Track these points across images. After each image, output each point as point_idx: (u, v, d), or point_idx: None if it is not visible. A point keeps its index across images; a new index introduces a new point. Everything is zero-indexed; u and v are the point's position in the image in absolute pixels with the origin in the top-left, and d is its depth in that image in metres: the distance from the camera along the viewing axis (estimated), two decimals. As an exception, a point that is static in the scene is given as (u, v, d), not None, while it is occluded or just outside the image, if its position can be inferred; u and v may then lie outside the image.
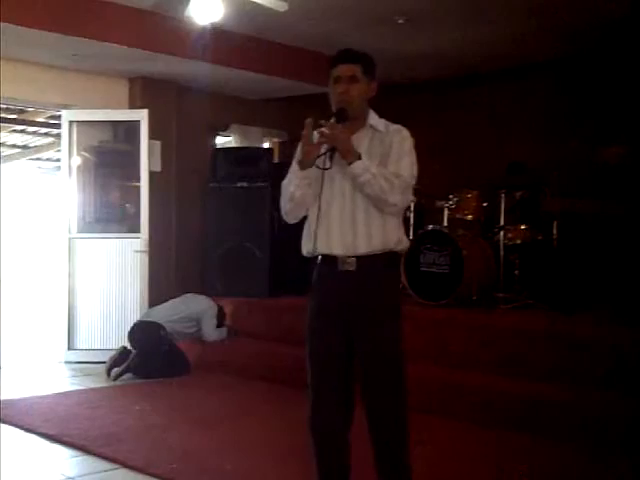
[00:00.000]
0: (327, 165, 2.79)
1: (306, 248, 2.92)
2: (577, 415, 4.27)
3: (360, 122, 2.92)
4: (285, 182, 2.92)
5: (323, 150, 2.80)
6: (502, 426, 4.41)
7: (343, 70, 2.87)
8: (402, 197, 2.81)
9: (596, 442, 4.04)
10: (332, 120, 2.80)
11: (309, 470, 2.99)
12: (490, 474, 3.74)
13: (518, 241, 6.19)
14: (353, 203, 2.83)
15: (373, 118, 2.95)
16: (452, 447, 4.18)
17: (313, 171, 2.82)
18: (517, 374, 4.82)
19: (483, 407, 4.61)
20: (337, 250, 2.84)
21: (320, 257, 2.89)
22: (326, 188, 2.82)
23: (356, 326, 2.85)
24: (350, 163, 2.77)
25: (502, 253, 6.22)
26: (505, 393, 4.62)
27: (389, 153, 2.85)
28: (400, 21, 5.95)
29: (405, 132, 2.91)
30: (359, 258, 2.83)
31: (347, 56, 2.90)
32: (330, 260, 2.86)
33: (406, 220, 6.65)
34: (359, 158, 2.77)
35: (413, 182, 2.87)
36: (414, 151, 2.90)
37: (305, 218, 2.95)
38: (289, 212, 2.92)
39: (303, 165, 2.82)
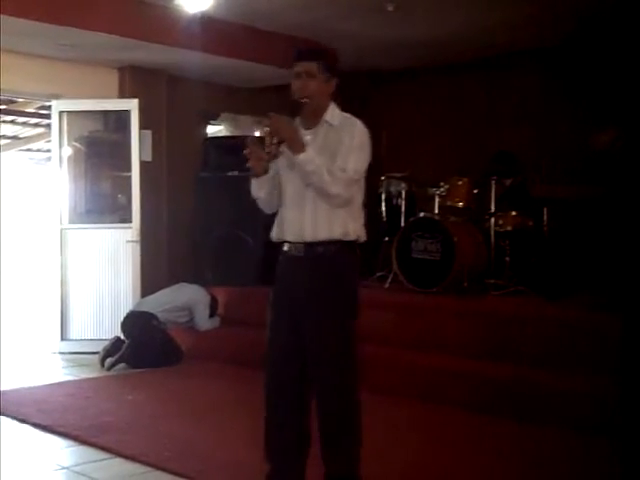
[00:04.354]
0: (274, 152, 2.92)
1: (273, 233, 3.11)
2: (565, 399, 4.32)
3: (319, 118, 3.02)
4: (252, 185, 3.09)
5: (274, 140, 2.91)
6: (493, 411, 4.44)
7: (302, 67, 2.98)
8: (344, 190, 2.91)
9: (582, 426, 4.07)
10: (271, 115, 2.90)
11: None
12: (483, 460, 3.77)
13: (509, 228, 6.21)
14: (303, 192, 2.96)
15: (330, 113, 3.03)
16: (442, 433, 4.21)
17: (267, 177, 3.00)
18: (507, 360, 4.85)
19: (474, 393, 4.64)
20: (289, 236, 3.02)
21: (281, 243, 3.08)
22: (284, 177, 3.01)
23: (302, 308, 2.99)
24: (295, 153, 2.88)
25: (493, 240, 6.24)
26: (496, 378, 4.66)
27: (339, 147, 2.94)
28: (389, 8, 5.94)
29: (358, 127, 3.00)
30: (307, 245, 2.98)
31: (307, 53, 3.01)
32: (285, 246, 3.04)
33: (397, 208, 6.69)
34: (304, 149, 2.87)
35: (357, 177, 2.96)
36: (366, 146, 2.99)
37: None
38: (263, 208, 3.14)
39: (256, 175, 2.99)
